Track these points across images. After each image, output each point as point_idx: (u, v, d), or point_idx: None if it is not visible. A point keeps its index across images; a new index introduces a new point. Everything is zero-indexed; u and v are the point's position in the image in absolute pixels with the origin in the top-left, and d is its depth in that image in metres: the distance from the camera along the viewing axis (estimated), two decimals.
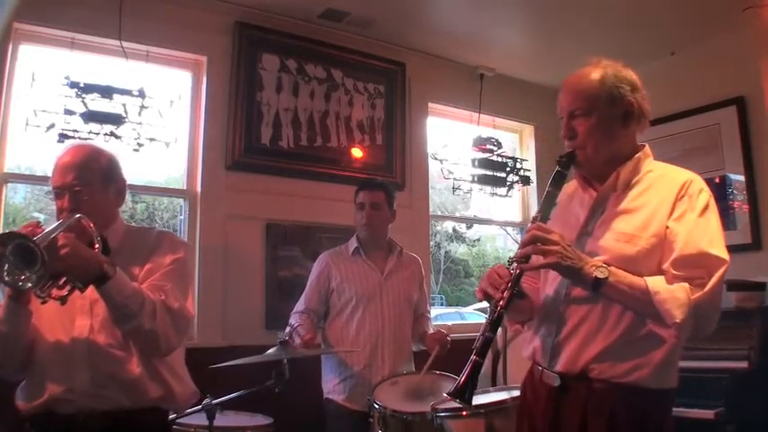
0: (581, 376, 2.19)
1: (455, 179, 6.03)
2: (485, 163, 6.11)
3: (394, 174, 5.64)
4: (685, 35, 5.56)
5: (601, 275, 2.10)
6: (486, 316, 2.21)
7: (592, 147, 2.29)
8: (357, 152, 5.53)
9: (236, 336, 4.67)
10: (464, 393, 2.12)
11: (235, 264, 4.86)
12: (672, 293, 2.06)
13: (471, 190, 6.07)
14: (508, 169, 6.24)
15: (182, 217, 4.94)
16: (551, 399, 2.27)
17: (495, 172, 6.15)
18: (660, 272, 2.15)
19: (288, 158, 5.17)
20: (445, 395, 2.17)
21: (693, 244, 2.12)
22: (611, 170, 2.31)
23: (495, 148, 6.17)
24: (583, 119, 2.29)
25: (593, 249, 2.23)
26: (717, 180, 5.57)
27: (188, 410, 2.91)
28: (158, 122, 4.60)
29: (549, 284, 2.37)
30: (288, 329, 3.80)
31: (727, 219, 5.47)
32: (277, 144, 5.14)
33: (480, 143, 6.11)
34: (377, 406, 3.48)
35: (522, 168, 6.36)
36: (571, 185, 2.54)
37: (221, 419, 3.25)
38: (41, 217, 4.64)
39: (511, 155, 6.55)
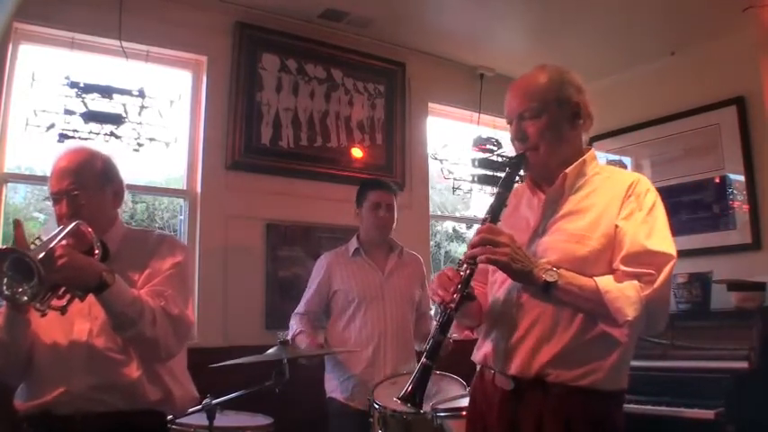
0: (536, 380, 2.18)
1: (455, 179, 6.03)
2: (485, 163, 6.11)
3: (394, 174, 5.64)
4: (685, 35, 5.55)
5: (550, 279, 2.11)
6: (437, 318, 2.19)
7: (543, 148, 2.30)
8: (357, 152, 5.53)
9: (237, 336, 4.67)
10: (414, 398, 2.08)
11: (235, 264, 4.86)
12: (622, 292, 2.08)
13: (471, 190, 6.07)
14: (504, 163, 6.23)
15: (182, 217, 4.94)
16: (505, 403, 2.25)
17: (496, 172, 6.14)
18: (611, 271, 2.17)
19: (288, 158, 5.18)
20: (395, 399, 2.14)
21: (641, 242, 2.15)
22: (560, 172, 2.31)
23: (495, 149, 6.17)
24: (533, 121, 2.29)
25: (544, 251, 2.23)
26: (717, 180, 5.57)
27: (188, 410, 2.91)
28: (158, 122, 4.60)
29: (499, 288, 2.36)
30: (289, 334, 3.82)
31: (727, 219, 5.49)
32: (277, 144, 5.15)
33: (480, 143, 6.12)
34: (377, 406, 3.48)
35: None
36: (520, 188, 2.55)
37: (221, 419, 3.24)
38: (41, 217, 4.64)
39: (511, 155, 6.54)
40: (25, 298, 2.13)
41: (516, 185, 2.45)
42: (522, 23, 5.56)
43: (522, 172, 2.42)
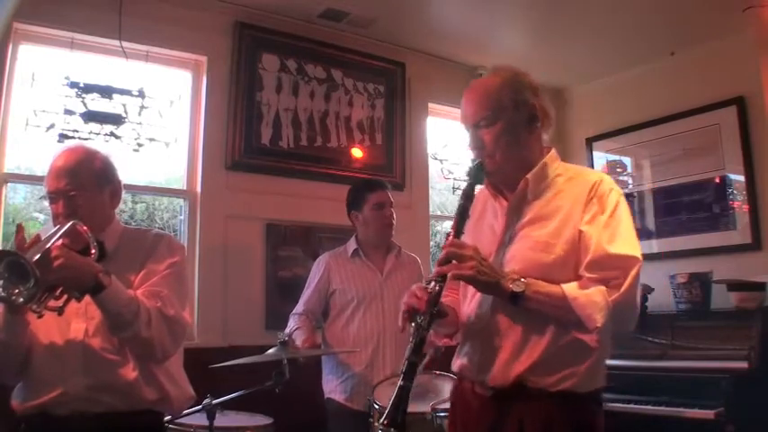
0: (514, 387, 2.17)
1: (455, 179, 6.03)
2: None
3: (394, 174, 5.64)
4: (685, 35, 5.55)
5: (517, 289, 2.09)
6: (411, 339, 2.14)
7: (500, 155, 2.27)
8: (357, 152, 5.53)
9: (237, 336, 4.67)
10: (396, 421, 2.03)
11: (235, 264, 4.86)
12: (589, 298, 2.08)
13: None
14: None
15: (181, 217, 4.94)
16: (485, 409, 2.24)
17: None
18: (577, 277, 2.16)
19: (288, 158, 5.18)
20: (377, 424, 2.12)
21: (605, 246, 2.13)
22: (521, 177, 2.29)
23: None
24: (488, 128, 2.26)
25: (510, 259, 2.23)
26: (717, 180, 5.57)
27: (188, 411, 2.91)
28: (158, 122, 4.62)
29: (470, 301, 2.34)
30: (287, 330, 3.81)
31: (727, 219, 5.49)
32: (277, 144, 5.15)
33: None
34: (377, 406, 3.47)
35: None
36: (482, 195, 2.51)
37: (221, 419, 3.25)
38: (41, 217, 4.63)
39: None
40: (21, 300, 2.13)
41: (478, 192, 2.43)
42: (522, 23, 5.56)
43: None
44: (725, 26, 5.27)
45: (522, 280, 2.11)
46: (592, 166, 6.51)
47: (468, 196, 2.26)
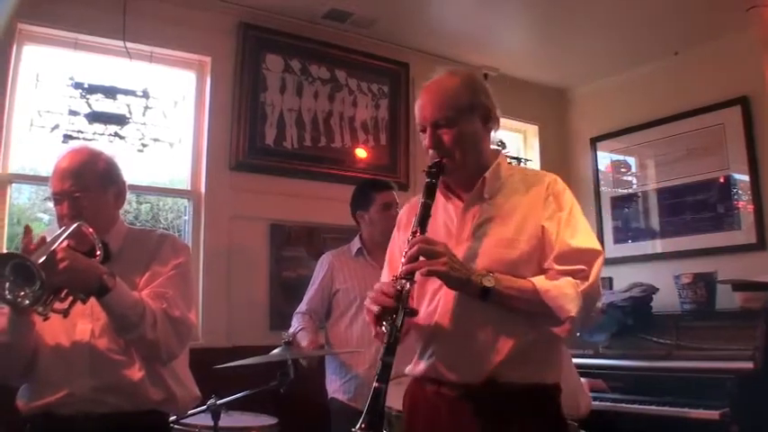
0: (485, 384, 2.18)
1: None
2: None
3: (398, 174, 5.64)
4: (689, 35, 5.55)
5: (488, 284, 2.11)
6: (383, 339, 2.10)
7: (460, 154, 2.30)
8: (361, 152, 5.54)
9: (241, 336, 4.68)
10: (372, 422, 2.01)
11: (239, 264, 4.87)
12: (560, 289, 2.13)
13: None
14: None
15: (186, 217, 4.95)
16: (455, 410, 2.23)
17: None
18: (541, 271, 2.22)
19: (292, 159, 5.19)
20: (356, 429, 2.08)
21: (568, 241, 2.21)
22: (476, 177, 2.33)
23: (500, 148, 6.15)
24: (448, 128, 2.29)
25: (472, 257, 2.23)
26: (721, 180, 5.57)
27: (192, 411, 2.91)
28: (162, 123, 4.64)
29: (431, 300, 2.32)
30: (291, 331, 3.81)
31: (732, 219, 5.49)
32: (281, 144, 5.16)
33: None
34: None
35: (525, 166, 6.33)
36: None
37: (226, 420, 3.25)
38: (46, 218, 4.63)
39: (515, 155, 6.57)
40: (27, 302, 2.13)
41: (418, 196, 2.44)
42: (525, 23, 5.56)
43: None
44: (729, 26, 5.27)
45: (492, 275, 2.13)
46: (596, 167, 6.53)
47: (430, 194, 2.26)
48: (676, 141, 5.88)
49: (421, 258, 2.12)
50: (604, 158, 6.54)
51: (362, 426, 1.99)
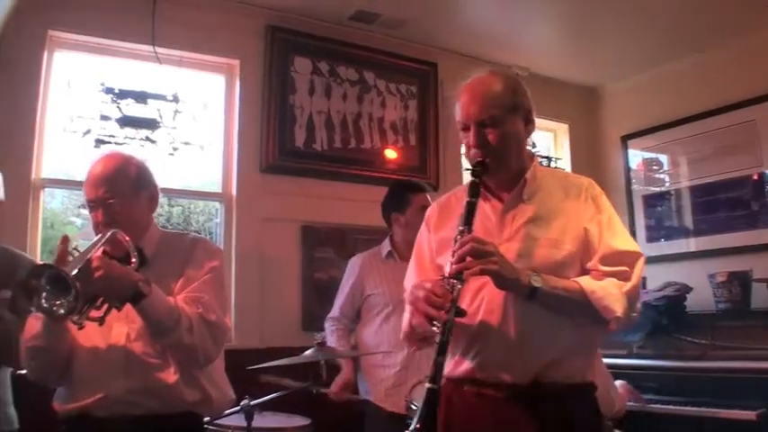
0: (531, 385, 2.18)
1: None
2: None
3: (428, 175, 5.63)
4: (719, 31, 5.48)
5: (537, 284, 2.12)
6: (435, 340, 2.07)
7: (505, 155, 2.30)
8: (391, 153, 5.54)
9: (274, 337, 4.69)
10: (426, 424, 1.98)
11: (271, 266, 4.89)
12: (606, 290, 2.15)
13: None
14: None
15: (217, 220, 4.98)
16: (499, 411, 2.21)
17: None
18: (583, 273, 2.24)
19: (322, 161, 5.21)
20: (409, 431, 2.06)
21: (611, 243, 2.24)
22: (514, 177, 2.34)
23: (529, 148, 6.12)
24: (493, 127, 2.27)
25: (515, 257, 2.21)
26: (755, 177, 5.51)
27: (226, 412, 2.92)
28: (193, 126, 4.66)
29: (473, 299, 2.28)
30: (325, 335, 3.82)
31: (766, 216, 5.42)
32: (311, 146, 5.17)
33: None
34: (414, 407, 3.45)
35: (556, 167, 6.31)
36: (453, 197, 2.55)
37: (259, 420, 3.27)
38: (78, 222, 4.68)
39: (545, 154, 6.54)
40: (62, 311, 2.14)
41: (449, 193, 2.52)
42: (554, 21, 5.53)
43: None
44: (758, 21, 5.22)
45: (539, 275, 2.13)
46: (627, 165, 6.48)
47: (476, 193, 2.25)
48: (708, 138, 5.82)
49: (467, 258, 2.10)
50: (636, 156, 6.49)
51: (417, 427, 1.98)
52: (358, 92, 5.47)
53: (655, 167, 6.33)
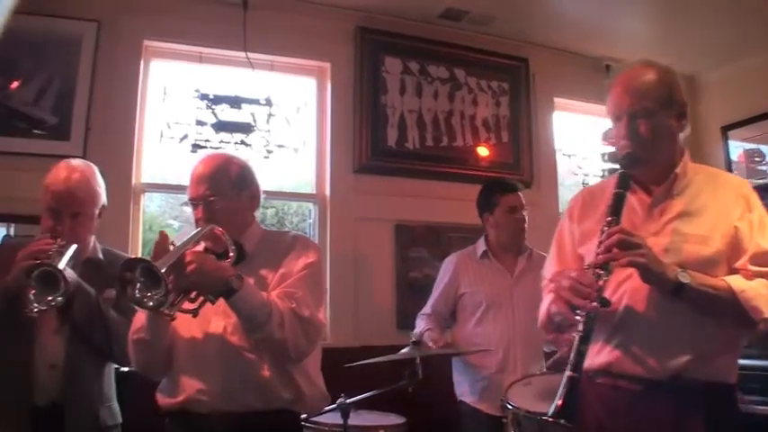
0: (669, 379, 2.15)
1: (584, 175, 5.91)
2: (615, 157, 5.96)
3: (521, 172, 5.58)
4: None
5: (684, 280, 2.08)
6: (579, 328, 2.08)
7: (656, 148, 2.27)
8: (483, 151, 5.51)
9: (369, 336, 4.73)
10: (566, 413, 1.99)
11: (365, 265, 4.93)
12: (756, 290, 2.09)
13: None
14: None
15: (310, 221, 5.05)
16: (635, 403, 2.20)
17: None
18: (731, 272, 2.18)
19: (414, 159, 5.22)
20: (544, 418, 2.05)
21: (763, 242, 2.18)
22: (664, 172, 2.31)
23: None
24: (646, 119, 2.25)
25: (662, 252, 2.17)
26: None
27: (321, 409, 2.95)
28: (286, 129, 4.73)
29: (614, 290, 2.26)
30: (417, 331, 3.81)
31: None
32: (403, 146, 5.19)
33: (610, 136, 5.98)
34: (510, 407, 3.41)
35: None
36: (598, 188, 2.55)
37: (355, 418, 3.27)
38: (175, 224, 4.82)
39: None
40: (151, 304, 2.20)
41: (593, 185, 2.49)
42: (647, 10, 5.38)
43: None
44: None
45: (687, 272, 2.10)
46: (728, 156, 6.28)
47: (625, 184, 2.24)
48: None
49: (614, 249, 2.10)
50: (736, 147, 6.27)
51: (556, 413, 1.99)
52: (449, 90, 5.46)
53: (757, 159, 6.11)
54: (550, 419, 2.00)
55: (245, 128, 4.59)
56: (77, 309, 2.70)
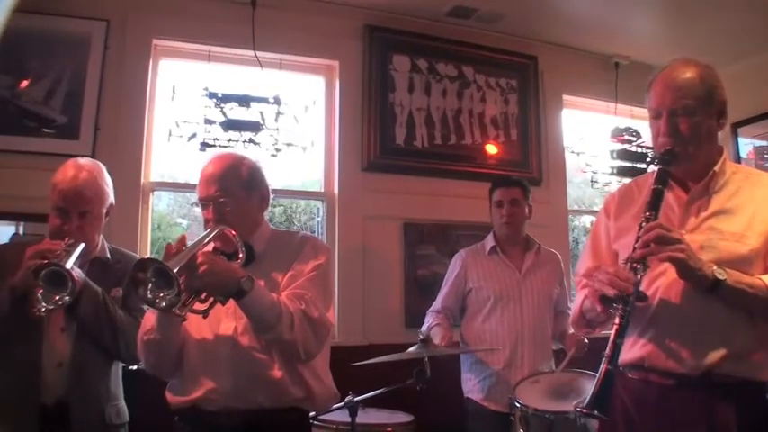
0: (701, 375, 2.16)
1: (593, 172, 5.90)
2: (624, 154, 5.96)
3: (530, 169, 5.58)
4: None
5: (721, 276, 2.08)
6: (615, 321, 2.11)
7: (695, 145, 2.27)
8: (492, 149, 5.50)
9: (377, 334, 4.74)
10: (601, 405, 2.03)
11: (373, 263, 4.93)
12: None
13: (610, 183, 5.92)
14: (648, 160, 6.04)
15: (319, 219, 5.06)
16: (665, 398, 2.21)
17: (635, 163, 5.98)
18: (766, 270, 2.18)
19: (423, 158, 5.21)
20: (579, 409, 2.08)
21: None
22: (702, 170, 2.32)
23: (633, 139, 6.01)
24: (686, 117, 2.26)
25: (695, 249, 2.17)
26: None
27: (329, 407, 2.95)
28: (294, 128, 4.73)
29: (648, 284, 2.27)
30: (425, 327, 3.80)
31: None
32: (411, 144, 5.19)
33: (618, 134, 5.98)
34: (518, 404, 3.41)
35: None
36: (635, 185, 2.57)
37: (363, 416, 3.29)
38: (184, 223, 4.83)
39: (651, 145, 6.37)
40: (163, 304, 2.20)
41: (629, 181, 2.49)
42: (656, 7, 5.36)
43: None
44: None
45: (724, 269, 2.11)
46: (738, 153, 6.25)
47: (663, 181, 2.26)
48: None
49: (652, 244, 2.11)
50: (746, 145, 6.24)
51: (589, 405, 2.03)
52: (457, 88, 5.45)
53: (766, 155, 6.09)
54: (585, 411, 2.03)
55: (254, 126, 4.60)
56: (84, 307, 2.71)
